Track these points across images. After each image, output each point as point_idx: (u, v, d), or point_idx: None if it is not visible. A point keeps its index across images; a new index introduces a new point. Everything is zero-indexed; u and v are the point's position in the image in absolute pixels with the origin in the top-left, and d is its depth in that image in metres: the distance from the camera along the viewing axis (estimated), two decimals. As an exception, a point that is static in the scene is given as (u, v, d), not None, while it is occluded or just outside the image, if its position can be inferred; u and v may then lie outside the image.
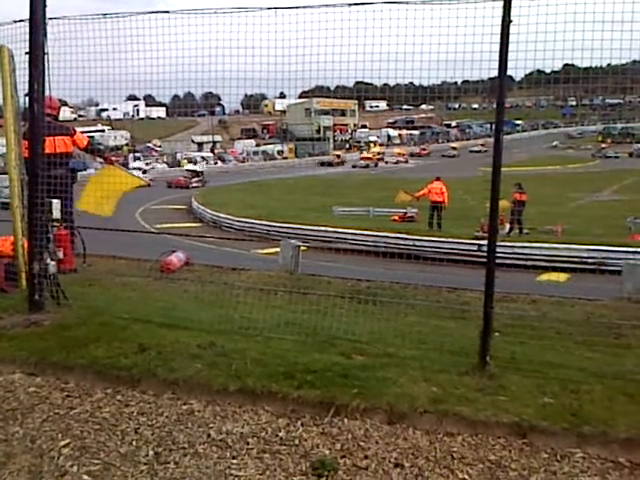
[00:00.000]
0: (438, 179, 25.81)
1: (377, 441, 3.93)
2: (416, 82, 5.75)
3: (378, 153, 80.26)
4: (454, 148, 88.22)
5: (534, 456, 3.78)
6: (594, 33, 4.50)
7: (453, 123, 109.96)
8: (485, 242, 5.00)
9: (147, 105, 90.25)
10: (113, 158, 11.81)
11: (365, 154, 79.92)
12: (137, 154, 71.87)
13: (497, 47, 4.64)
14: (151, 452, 3.81)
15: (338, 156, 79.53)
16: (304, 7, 5.21)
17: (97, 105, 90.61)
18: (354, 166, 72.99)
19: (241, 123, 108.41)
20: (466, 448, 3.87)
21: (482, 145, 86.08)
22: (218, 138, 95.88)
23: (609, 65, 5.03)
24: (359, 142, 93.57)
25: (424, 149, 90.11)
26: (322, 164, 76.01)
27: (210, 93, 7.28)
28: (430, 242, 18.64)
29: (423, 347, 5.24)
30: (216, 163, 74.18)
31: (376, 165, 74.71)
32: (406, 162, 78.05)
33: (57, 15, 6.05)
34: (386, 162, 77.39)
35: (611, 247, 17.17)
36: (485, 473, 3.61)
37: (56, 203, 6.45)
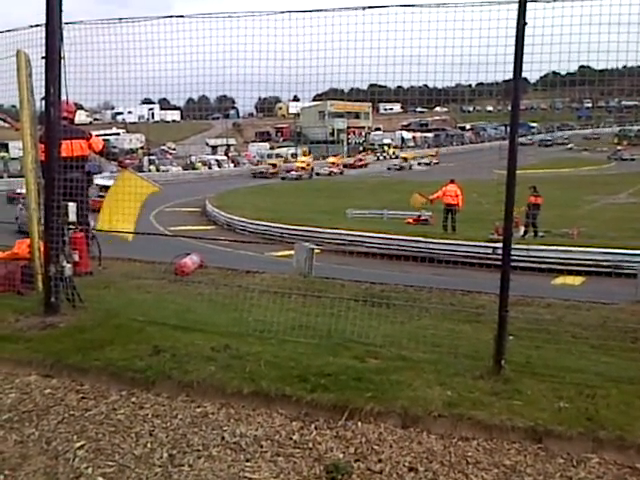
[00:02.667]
0: (453, 182, 25.69)
1: (391, 445, 3.92)
2: (430, 84, 5.75)
3: (308, 164, 68.08)
4: (404, 159, 76.68)
5: (550, 461, 3.75)
6: (610, 35, 4.47)
7: (467, 126, 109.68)
8: (500, 245, 4.98)
9: (162, 108, 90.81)
10: (128, 161, 11.89)
11: (299, 164, 67.94)
12: (152, 157, 72.13)
13: (512, 49, 4.63)
14: (165, 454, 3.82)
15: (274, 165, 67.61)
16: (318, 11, 5.21)
17: (112, 108, 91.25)
18: (283, 178, 61.92)
19: (255, 126, 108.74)
20: (481, 453, 3.85)
21: (432, 156, 78.37)
22: (232, 141, 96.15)
23: (625, 67, 4.99)
24: (373, 145, 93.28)
25: (360, 159, 78.86)
26: (255, 175, 64.04)
27: (224, 96, 7.31)
28: (444, 245, 18.57)
29: (437, 350, 5.22)
30: (235, 166, 74.07)
31: (310, 177, 63.74)
32: (341, 173, 67.91)
33: (72, 20, 6.11)
34: (317, 174, 65.88)
35: (627, 250, 17.01)
36: (500, 478, 3.59)
37: (72, 206, 6.50)
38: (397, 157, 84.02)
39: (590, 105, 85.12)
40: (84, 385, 4.82)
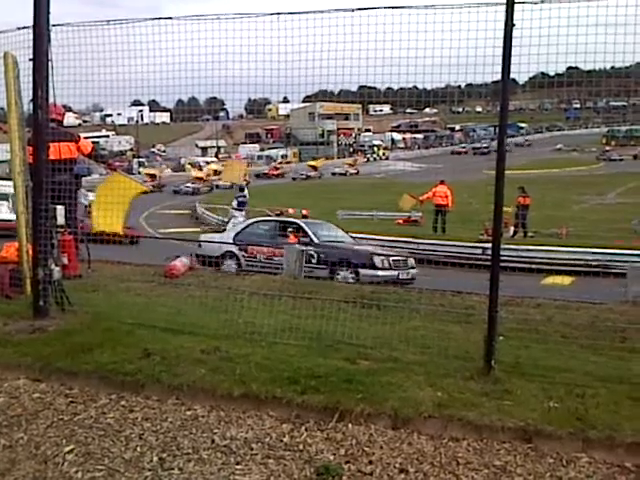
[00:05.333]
0: (442, 182, 25.80)
1: (382, 446, 3.92)
2: (420, 86, 5.76)
3: (215, 172, 55.88)
4: (313, 167, 67.51)
5: (539, 461, 3.76)
6: (597, 36, 4.50)
7: (457, 127, 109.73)
8: (489, 245, 5.00)
9: (151, 110, 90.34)
10: (117, 163, 11.87)
11: (196, 173, 57.21)
12: (141, 159, 71.95)
13: (500, 51, 4.64)
14: (155, 458, 3.80)
15: (152, 176, 53.69)
16: (307, 12, 5.21)
17: (101, 111, 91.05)
18: (176, 191, 49.96)
19: (245, 128, 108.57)
20: (471, 453, 3.86)
21: (350, 165, 71.77)
22: (222, 143, 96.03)
23: (613, 68, 5.02)
24: (363, 146, 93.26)
25: (276, 168, 68.38)
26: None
27: (214, 98, 7.29)
28: (434, 245, 18.62)
29: (428, 352, 5.23)
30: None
31: (210, 189, 51.69)
32: (247, 184, 57.40)
33: (59, 22, 6.08)
34: (217, 186, 52.20)
35: (616, 250, 17.11)
36: (490, 478, 3.60)
37: (60, 209, 6.47)
38: (387, 158, 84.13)
39: (578, 106, 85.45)
40: (73, 389, 4.78)
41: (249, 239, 14.38)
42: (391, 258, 12.76)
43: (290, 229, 13.97)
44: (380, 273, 11.81)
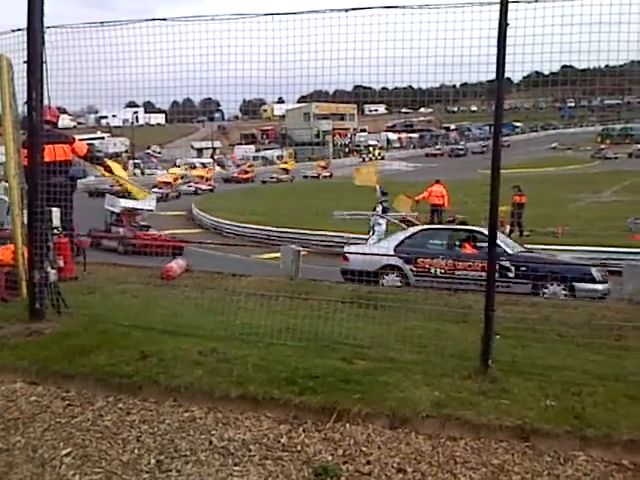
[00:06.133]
0: (438, 182, 25.77)
1: (379, 446, 3.92)
2: (415, 85, 5.76)
3: (176, 179, 52.76)
4: (285, 170, 63.20)
5: (537, 459, 3.77)
6: (591, 34, 4.50)
7: (452, 126, 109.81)
8: (486, 244, 5.00)
9: (146, 112, 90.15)
10: (113, 165, 11.84)
11: (163, 178, 52.04)
12: (136, 161, 71.76)
13: (495, 50, 4.65)
14: (153, 460, 3.80)
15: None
16: (301, 13, 5.21)
17: (96, 112, 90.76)
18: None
19: (240, 128, 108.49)
20: (469, 452, 3.86)
21: (323, 167, 65.81)
22: (217, 144, 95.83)
23: (607, 66, 5.04)
24: (358, 146, 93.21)
25: (246, 172, 63.42)
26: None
27: (209, 99, 7.28)
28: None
29: (425, 351, 5.23)
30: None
31: (178, 196, 47.47)
32: (211, 190, 52.76)
33: (54, 24, 6.07)
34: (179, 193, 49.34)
35: (612, 248, 17.14)
36: (488, 477, 3.60)
37: (56, 211, 6.46)
38: (383, 158, 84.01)
39: (573, 104, 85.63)
40: (70, 392, 4.77)
41: (415, 250, 12.72)
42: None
43: (473, 239, 12.43)
44: (599, 287, 10.87)
